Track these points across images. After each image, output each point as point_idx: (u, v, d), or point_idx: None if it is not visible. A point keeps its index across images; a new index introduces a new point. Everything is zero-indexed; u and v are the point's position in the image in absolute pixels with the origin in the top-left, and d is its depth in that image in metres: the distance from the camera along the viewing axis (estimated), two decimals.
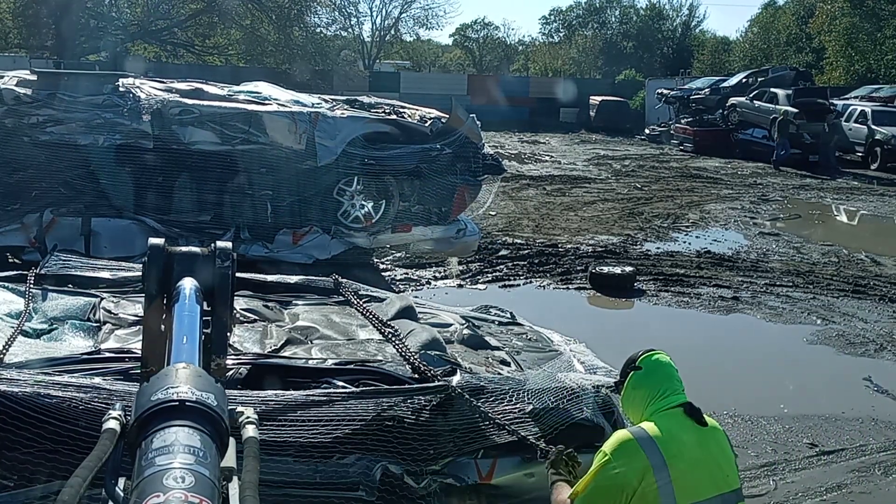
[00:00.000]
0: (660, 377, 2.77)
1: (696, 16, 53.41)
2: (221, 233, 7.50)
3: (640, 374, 2.79)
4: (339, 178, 7.92)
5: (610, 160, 22.65)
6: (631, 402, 2.82)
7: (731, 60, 44.63)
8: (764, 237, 12.81)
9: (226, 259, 1.52)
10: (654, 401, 2.71)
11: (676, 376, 2.80)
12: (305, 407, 2.98)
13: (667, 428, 2.62)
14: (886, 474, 5.37)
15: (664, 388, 2.74)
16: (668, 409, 2.68)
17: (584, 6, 55.85)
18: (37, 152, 7.28)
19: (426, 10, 51.76)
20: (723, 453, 2.71)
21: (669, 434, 2.61)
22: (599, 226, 13.22)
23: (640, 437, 2.59)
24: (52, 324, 3.61)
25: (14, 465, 2.69)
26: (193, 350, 1.33)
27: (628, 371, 2.83)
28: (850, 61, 34.47)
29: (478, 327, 4.25)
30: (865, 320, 8.62)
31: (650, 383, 2.76)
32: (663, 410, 2.68)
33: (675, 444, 2.59)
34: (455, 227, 8.60)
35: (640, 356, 2.82)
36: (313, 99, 8.70)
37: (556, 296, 9.40)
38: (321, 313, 4.08)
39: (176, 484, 0.96)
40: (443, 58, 63.41)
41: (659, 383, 2.75)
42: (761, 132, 23.68)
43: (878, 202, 17.09)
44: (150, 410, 1.08)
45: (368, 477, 3.03)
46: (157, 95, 7.66)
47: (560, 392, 3.41)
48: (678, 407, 2.68)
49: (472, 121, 8.40)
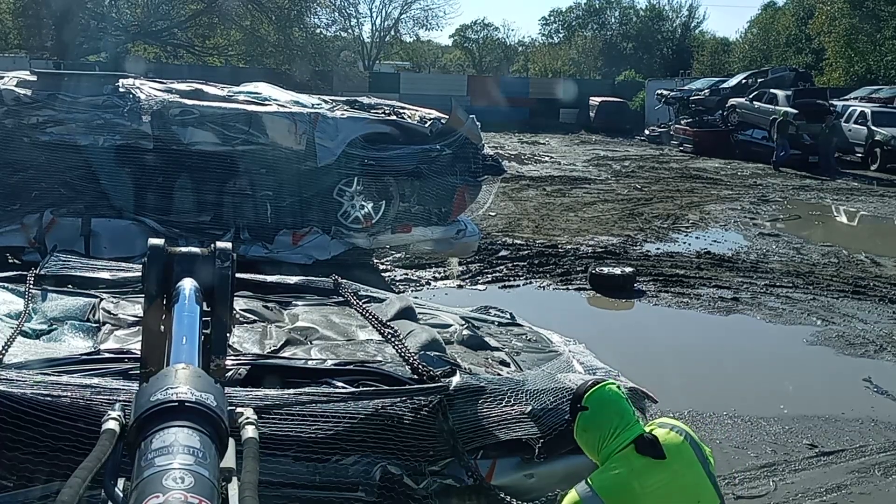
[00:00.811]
0: (608, 415, 2.56)
1: (695, 17, 53.50)
2: (221, 233, 7.50)
3: (586, 415, 2.59)
4: (338, 178, 7.92)
5: (610, 161, 22.66)
6: (584, 443, 2.63)
7: (731, 61, 44.65)
8: (764, 238, 12.81)
9: (226, 259, 1.52)
10: (607, 442, 2.54)
11: (627, 407, 2.59)
12: (304, 407, 2.98)
13: (617, 477, 2.46)
14: (886, 475, 5.37)
15: (614, 425, 2.54)
16: (620, 450, 2.51)
17: (583, 7, 55.92)
18: (37, 153, 7.28)
19: (426, 10, 51.81)
20: (687, 476, 2.53)
21: (619, 484, 2.45)
22: (599, 226, 13.22)
23: (585, 495, 2.47)
24: (51, 324, 3.61)
25: (14, 466, 2.69)
26: (193, 350, 1.33)
27: (576, 411, 2.62)
28: (850, 62, 34.50)
29: (477, 328, 4.25)
30: (865, 321, 8.62)
31: (599, 423, 2.57)
32: (616, 452, 2.51)
33: (626, 495, 2.45)
34: (455, 228, 8.60)
35: (585, 393, 2.60)
36: (313, 100, 8.70)
37: (556, 296, 9.40)
38: (321, 314, 4.09)
39: (175, 484, 0.96)
40: (443, 58, 63.42)
41: (608, 421, 2.55)
42: (761, 133, 23.68)
43: (877, 203, 17.09)
44: (149, 411, 1.08)
45: (368, 477, 3.03)
46: (157, 96, 7.66)
47: (559, 393, 3.41)
48: (630, 444, 2.50)
49: (472, 121, 8.40)
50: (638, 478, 2.45)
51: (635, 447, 2.49)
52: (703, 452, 2.59)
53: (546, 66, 52.54)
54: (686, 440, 2.56)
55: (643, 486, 2.44)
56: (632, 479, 2.44)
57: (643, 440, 2.49)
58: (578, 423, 2.61)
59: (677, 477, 2.50)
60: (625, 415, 2.55)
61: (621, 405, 2.58)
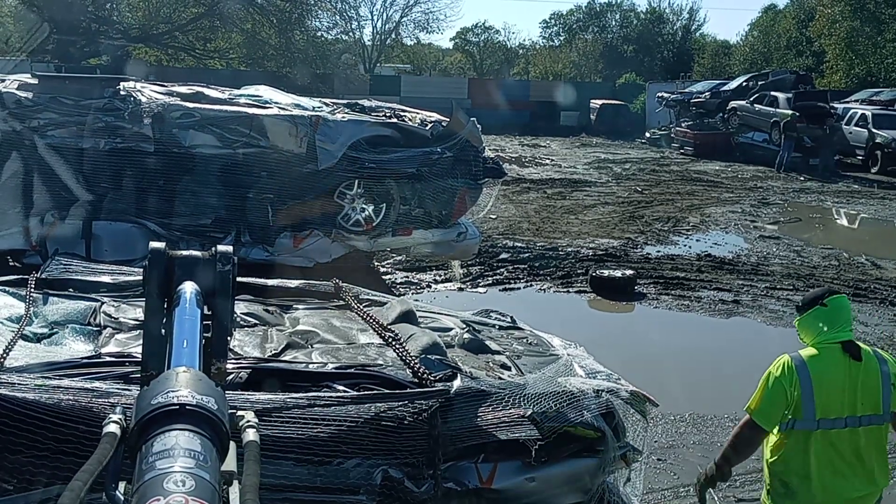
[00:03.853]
0: (836, 317, 3.39)
1: (696, 19, 53.53)
2: (222, 236, 7.51)
3: (823, 310, 3.39)
4: (339, 181, 7.93)
5: (610, 164, 22.66)
6: (807, 327, 3.44)
7: (732, 64, 44.70)
8: (764, 240, 12.82)
9: (226, 263, 1.52)
10: (825, 333, 3.36)
11: (849, 318, 3.44)
12: (305, 410, 2.98)
13: (822, 357, 3.32)
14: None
15: (837, 325, 3.37)
16: (832, 342, 3.33)
17: (584, 10, 56.02)
18: (38, 156, 7.29)
19: (427, 13, 51.79)
20: (865, 385, 3.29)
21: (821, 362, 3.30)
22: (600, 229, 13.23)
23: (796, 360, 3.32)
24: (52, 328, 3.61)
25: (14, 469, 2.69)
26: (194, 354, 1.33)
27: (815, 304, 3.42)
28: (851, 65, 34.53)
29: (478, 331, 4.25)
30: (866, 324, 8.62)
31: (828, 319, 3.38)
32: (828, 343, 3.34)
33: (823, 371, 3.28)
34: (455, 231, 8.60)
35: (829, 295, 3.46)
36: (314, 102, 8.71)
37: (557, 299, 9.40)
38: (322, 317, 4.08)
39: (176, 487, 0.96)
40: (443, 61, 63.47)
41: (835, 321, 3.38)
42: (762, 136, 23.70)
43: (878, 205, 17.09)
44: (150, 414, 1.08)
45: (369, 481, 3.03)
46: (158, 99, 7.67)
47: (560, 396, 3.41)
48: (839, 343, 3.33)
49: (473, 124, 8.41)
50: (837, 364, 3.31)
51: (842, 346, 3.32)
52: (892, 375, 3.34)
53: (547, 68, 52.60)
54: (878, 361, 3.37)
55: (835, 371, 3.30)
56: (832, 363, 3.31)
57: (851, 343, 3.35)
58: (813, 311, 3.41)
59: (858, 378, 3.30)
60: (846, 321, 3.42)
61: (847, 314, 3.45)
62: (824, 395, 3.27)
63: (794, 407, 3.28)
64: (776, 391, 3.29)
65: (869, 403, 3.29)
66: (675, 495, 5.03)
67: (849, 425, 3.30)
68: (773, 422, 3.35)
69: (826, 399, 3.27)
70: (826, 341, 3.35)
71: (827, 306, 3.39)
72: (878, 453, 3.39)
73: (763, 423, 3.36)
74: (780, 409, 3.31)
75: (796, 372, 3.28)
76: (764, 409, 3.34)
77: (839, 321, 3.39)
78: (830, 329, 3.36)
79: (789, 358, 3.34)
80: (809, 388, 3.26)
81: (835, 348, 3.33)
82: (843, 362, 3.30)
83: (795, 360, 3.32)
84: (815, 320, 3.41)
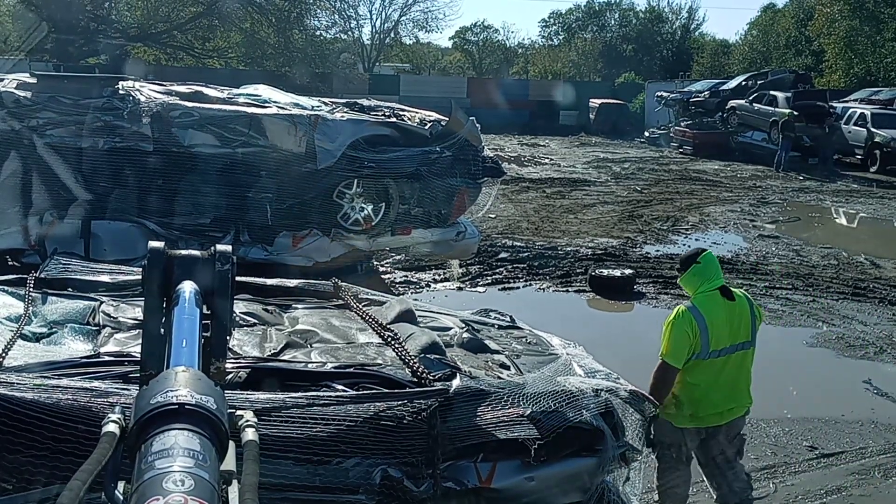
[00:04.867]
0: (710, 270, 4.25)
1: (695, 19, 53.47)
2: (221, 236, 7.50)
3: (699, 267, 4.23)
4: (338, 180, 7.92)
5: (609, 163, 22.66)
6: (689, 282, 4.29)
7: (731, 63, 44.70)
8: (763, 240, 12.82)
9: (226, 262, 1.52)
10: (703, 284, 4.21)
11: (719, 268, 4.32)
12: (304, 410, 2.97)
13: (707, 302, 4.16)
14: (886, 477, 5.37)
15: (711, 275, 4.23)
16: (711, 290, 4.19)
17: (583, 9, 55.97)
18: (37, 155, 7.28)
19: (426, 13, 51.90)
20: (741, 318, 4.19)
21: (708, 306, 4.14)
22: (599, 228, 13.23)
23: (690, 308, 4.15)
24: (51, 327, 3.61)
25: (13, 468, 2.69)
26: (193, 353, 1.33)
27: (692, 262, 4.25)
28: (850, 64, 34.54)
29: (477, 331, 4.25)
30: (865, 323, 8.62)
31: (704, 273, 4.22)
32: (708, 290, 4.19)
33: (711, 312, 4.12)
34: (455, 230, 8.60)
35: (701, 254, 4.28)
36: (313, 102, 8.70)
37: (556, 298, 9.40)
38: (321, 317, 4.08)
39: (175, 487, 0.96)
40: (442, 61, 63.43)
41: (709, 273, 4.23)
42: (761, 135, 23.71)
43: (877, 205, 17.10)
44: (149, 414, 1.08)
45: (368, 480, 3.03)
46: (157, 98, 7.66)
47: (559, 395, 3.41)
48: (717, 290, 4.19)
49: (472, 124, 8.40)
50: (719, 305, 4.16)
51: (720, 291, 4.19)
52: (756, 311, 4.29)
53: (546, 68, 52.58)
54: (747, 300, 4.29)
55: (719, 312, 4.14)
56: (716, 306, 4.15)
57: (725, 288, 4.23)
58: (692, 270, 4.24)
59: (735, 314, 4.18)
60: (717, 271, 4.29)
61: (716, 266, 4.31)
62: (715, 330, 4.09)
63: (695, 344, 4.07)
64: (681, 336, 4.08)
65: (744, 333, 4.19)
66: None
67: (730, 352, 4.16)
68: (682, 360, 4.10)
69: (716, 333, 4.10)
70: (707, 289, 4.19)
71: (701, 263, 4.22)
72: (746, 374, 4.28)
73: (675, 363, 4.11)
74: (685, 349, 4.08)
75: (693, 317, 4.09)
76: (674, 352, 4.09)
77: (712, 272, 4.24)
78: (707, 280, 4.20)
79: (685, 308, 4.15)
80: (705, 327, 4.08)
81: (714, 294, 4.18)
82: (722, 304, 4.16)
83: (690, 308, 4.14)
84: (694, 276, 4.24)
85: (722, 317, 4.13)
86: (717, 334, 4.09)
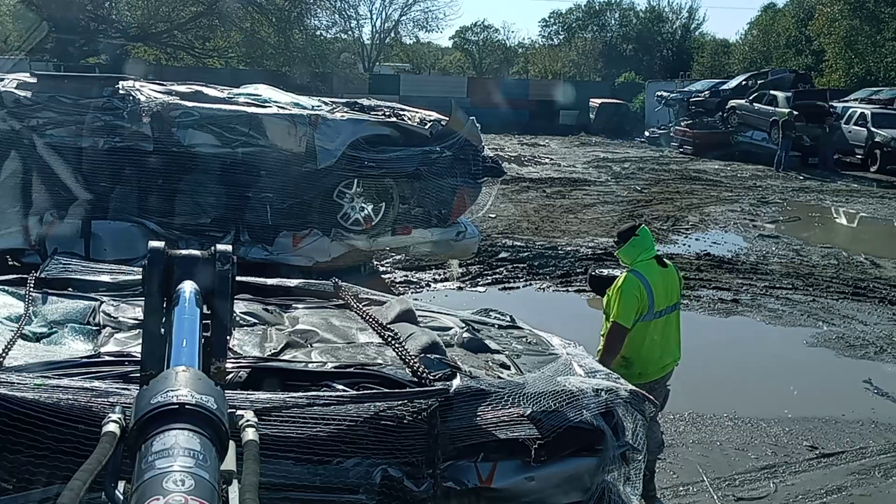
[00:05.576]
0: (647, 241, 4.86)
1: (695, 18, 53.34)
2: (221, 235, 7.50)
3: (637, 239, 4.80)
4: (338, 180, 7.92)
5: (609, 163, 22.66)
6: (628, 253, 4.82)
7: (731, 63, 44.66)
8: (763, 239, 12.82)
9: (226, 262, 1.52)
10: (642, 253, 4.78)
11: (652, 239, 4.96)
12: (304, 410, 2.97)
13: (648, 269, 4.73)
14: (886, 477, 5.37)
15: (648, 246, 4.83)
16: (648, 259, 4.78)
17: (583, 9, 55.88)
18: (37, 155, 7.28)
19: (426, 12, 51.75)
20: (673, 283, 4.85)
21: (649, 272, 4.72)
22: (599, 228, 13.22)
23: (637, 275, 4.68)
24: (51, 327, 3.61)
25: (14, 468, 2.69)
26: (193, 353, 1.33)
27: (631, 235, 4.81)
28: (850, 64, 34.51)
29: (478, 331, 4.25)
30: (865, 322, 8.63)
31: (642, 244, 4.81)
32: (646, 259, 4.78)
33: (652, 277, 4.70)
34: (455, 230, 8.60)
35: (638, 226, 4.89)
36: (313, 101, 8.70)
37: (556, 298, 9.40)
38: (321, 317, 4.08)
39: (176, 487, 0.96)
40: (442, 60, 63.42)
41: (646, 244, 4.83)
42: (761, 135, 23.69)
43: (877, 204, 17.10)
44: (149, 413, 1.08)
45: (368, 480, 3.03)
46: (157, 98, 7.67)
47: (559, 395, 3.41)
48: (653, 259, 4.81)
49: (472, 123, 8.40)
50: (656, 272, 4.75)
51: (655, 260, 4.80)
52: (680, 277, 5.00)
53: (546, 67, 52.54)
54: (674, 267, 4.99)
55: (657, 277, 4.73)
56: (654, 272, 4.74)
57: (658, 257, 4.86)
58: (631, 241, 4.78)
59: (669, 279, 4.82)
60: (652, 242, 4.92)
61: (650, 238, 4.93)
62: (657, 294, 4.67)
63: (643, 306, 4.62)
64: (631, 300, 4.60)
65: (675, 295, 4.84)
66: (674, 494, 5.03)
67: (666, 313, 4.77)
68: (631, 321, 4.61)
69: (658, 296, 4.67)
70: (645, 259, 4.76)
71: (639, 235, 4.81)
72: (677, 331, 4.89)
73: (626, 323, 4.62)
74: (634, 310, 4.61)
75: (640, 281, 4.64)
76: (625, 314, 4.60)
77: (648, 243, 4.84)
78: (645, 250, 4.79)
79: (631, 275, 4.70)
80: (650, 290, 4.64)
81: (651, 262, 4.78)
82: (658, 270, 4.77)
83: (636, 275, 4.69)
84: (633, 247, 4.79)
85: (660, 282, 4.71)
86: (659, 297, 4.67)
